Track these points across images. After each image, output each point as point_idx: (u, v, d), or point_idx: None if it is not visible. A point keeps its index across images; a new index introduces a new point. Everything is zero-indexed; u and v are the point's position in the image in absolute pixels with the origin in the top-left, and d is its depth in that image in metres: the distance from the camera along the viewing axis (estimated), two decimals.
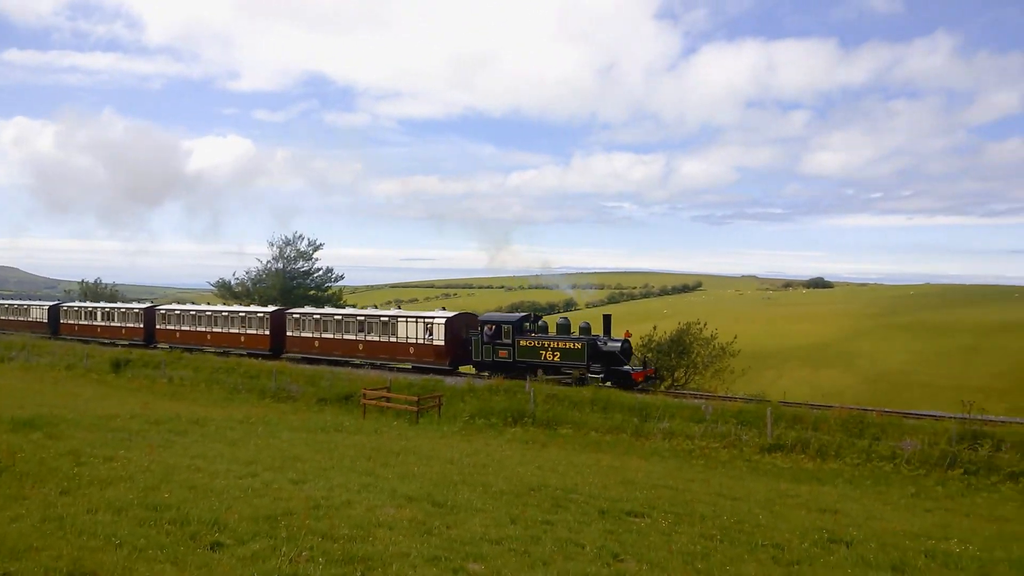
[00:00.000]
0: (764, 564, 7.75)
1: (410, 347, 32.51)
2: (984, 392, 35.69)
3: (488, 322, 30.24)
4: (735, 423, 20.11)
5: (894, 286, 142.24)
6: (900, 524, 10.79)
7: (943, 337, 56.35)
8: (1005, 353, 47.73)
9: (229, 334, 40.43)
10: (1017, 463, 15.90)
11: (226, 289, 60.79)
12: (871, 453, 17.43)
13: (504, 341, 29.22)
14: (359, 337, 34.53)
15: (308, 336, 36.57)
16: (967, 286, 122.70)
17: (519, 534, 8.01)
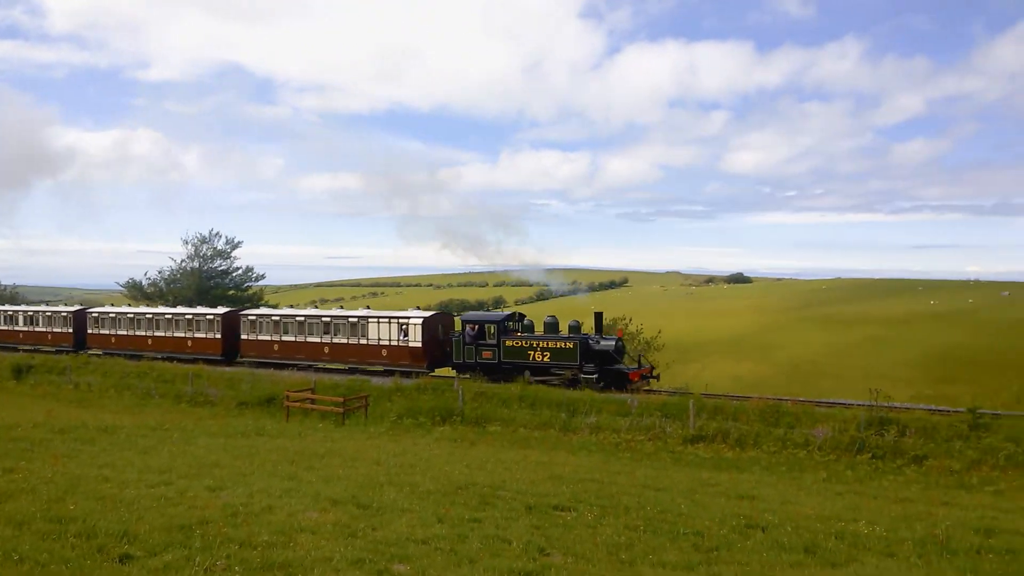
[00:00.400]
0: (685, 551, 7.95)
1: (382, 349, 31.08)
2: (890, 380, 37.63)
3: (471, 321, 28.81)
4: (660, 416, 20.59)
5: (808, 280, 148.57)
6: (813, 508, 11.24)
7: (853, 328, 59.23)
8: (910, 343, 50.60)
9: (174, 338, 38.03)
10: (920, 447, 16.83)
11: (137, 290, 58.20)
12: (786, 441, 18.15)
13: (488, 341, 27.90)
14: (324, 340, 32.89)
15: (266, 339, 34.72)
16: (875, 280, 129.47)
17: (446, 533, 7.97)
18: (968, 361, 43.78)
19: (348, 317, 32.72)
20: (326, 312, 34.99)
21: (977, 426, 17.16)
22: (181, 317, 38.39)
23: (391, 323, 31.08)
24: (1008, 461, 15.60)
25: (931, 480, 15.11)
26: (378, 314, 32.28)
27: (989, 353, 45.35)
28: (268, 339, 34.73)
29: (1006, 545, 8.70)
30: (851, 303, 79.33)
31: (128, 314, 40.69)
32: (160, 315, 39.46)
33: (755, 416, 19.75)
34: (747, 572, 7.18)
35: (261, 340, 34.94)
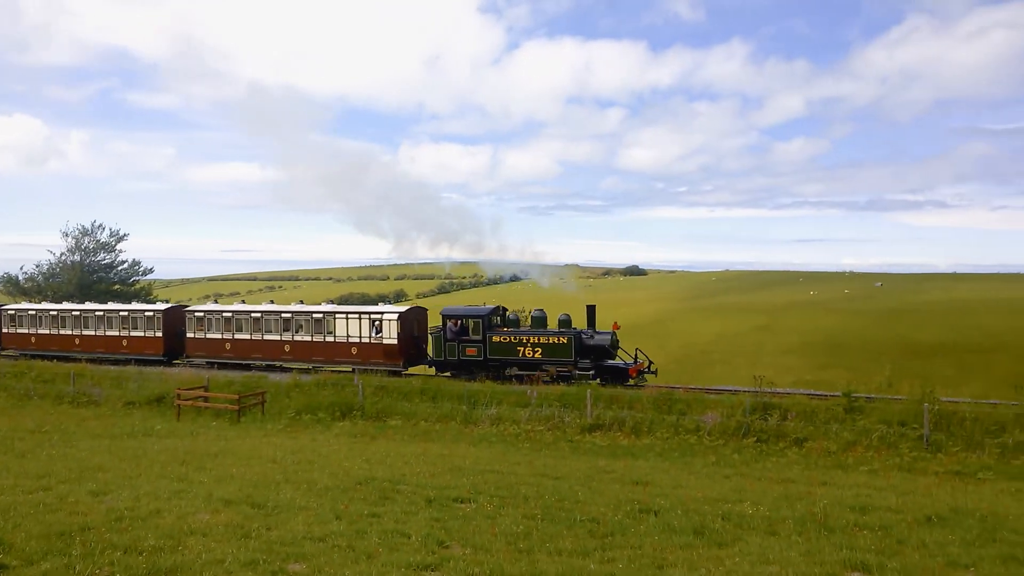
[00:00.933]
0: (581, 538, 8.17)
1: (352, 347, 29.40)
2: (774, 367, 39.57)
3: (452, 316, 27.30)
4: (559, 406, 21.00)
5: (699, 272, 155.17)
6: (702, 491, 11.78)
7: (741, 318, 62.23)
8: (792, 331, 53.66)
9: (106, 338, 34.82)
10: (801, 430, 17.94)
11: (13, 285, 53.93)
12: (679, 427, 18.92)
13: (473, 337, 26.56)
14: (285, 337, 30.82)
15: (216, 338, 32.18)
16: (760, 272, 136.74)
17: (344, 529, 7.86)
18: (845, 348, 46.88)
19: (312, 313, 30.86)
20: (287, 308, 32.49)
21: (852, 409, 18.46)
22: (115, 314, 35.19)
23: (362, 318, 29.46)
24: (881, 442, 16.85)
25: (811, 461, 16.12)
26: (347, 309, 30.95)
27: (863, 340, 48.75)
28: (218, 337, 32.17)
29: (879, 521, 9.35)
30: (739, 294, 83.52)
31: (51, 311, 36.84)
32: (89, 312, 35.95)
33: (649, 404, 20.46)
34: (639, 556, 7.44)
35: (211, 339, 32.31)
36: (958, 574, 7.01)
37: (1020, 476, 13.47)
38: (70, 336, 35.95)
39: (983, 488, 12.43)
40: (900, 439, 16.61)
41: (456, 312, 27.64)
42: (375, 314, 29.40)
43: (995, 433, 16.26)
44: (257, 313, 32.01)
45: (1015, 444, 15.59)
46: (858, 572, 7.15)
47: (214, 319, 32.53)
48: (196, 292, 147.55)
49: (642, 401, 20.84)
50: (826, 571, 7.06)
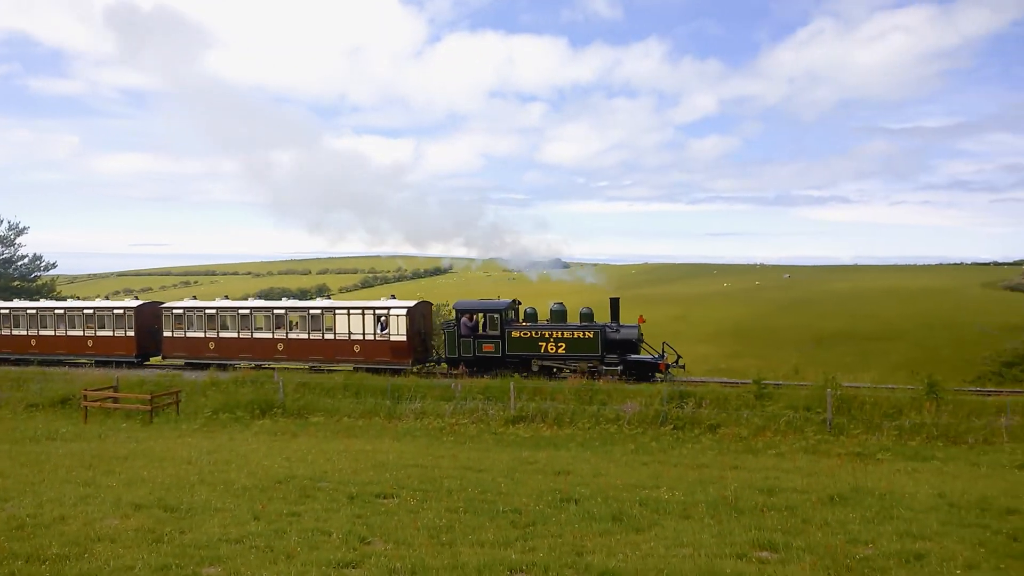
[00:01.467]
0: (503, 528, 8.27)
1: (355, 344, 27.66)
2: (690, 356, 40.87)
3: (467, 311, 25.77)
4: (483, 399, 21.11)
5: (620, 265, 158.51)
6: (621, 478, 12.09)
7: (658, 308, 63.91)
8: (707, 321, 55.57)
9: (68, 338, 31.80)
10: (714, 417, 18.64)
11: None
12: (600, 417, 19.34)
13: (490, 333, 25.15)
14: (278, 335, 28.80)
15: (198, 336, 29.92)
16: (677, 264, 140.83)
17: (262, 530, 7.71)
18: (755, 336, 48.89)
19: (309, 308, 28.97)
20: (279, 303, 30.44)
21: (762, 396, 19.29)
22: (78, 312, 32.27)
23: (365, 314, 27.71)
24: (788, 426, 17.69)
25: (724, 446, 16.76)
26: (348, 304, 28.98)
27: (772, 329, 50.97)
28: (201, 336, 29.88)
29: (786, 502, 9.83)
30: (657, 285, 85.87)
31: (2, 309, 33.36)
32: (48, 310, 32.84)
33: (571, 395, 20.82)
34: (559, 544, 7.60)
35: (192, 338, 29.97)
36: (858, 550, 7.44)
37: (915, 456, 14.42)
38: (25, 337, 32.64)
39: (881, 468, 13.24)
40: (806, 423, 17.49)
41: (472, 306, 26.11)
42: (381, 309, 27.72)
43: (892, 416, 17.33)
44: (246, 309, 29.99)
45: (911, 426, 16.68)
46: (766, 551, 7.51)
47: (195, 316, 30.18)
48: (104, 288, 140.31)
49: (564, 392, 21.17)
50: (736, 551, 7.38)
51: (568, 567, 6.68)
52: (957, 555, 7.17)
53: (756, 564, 6.96)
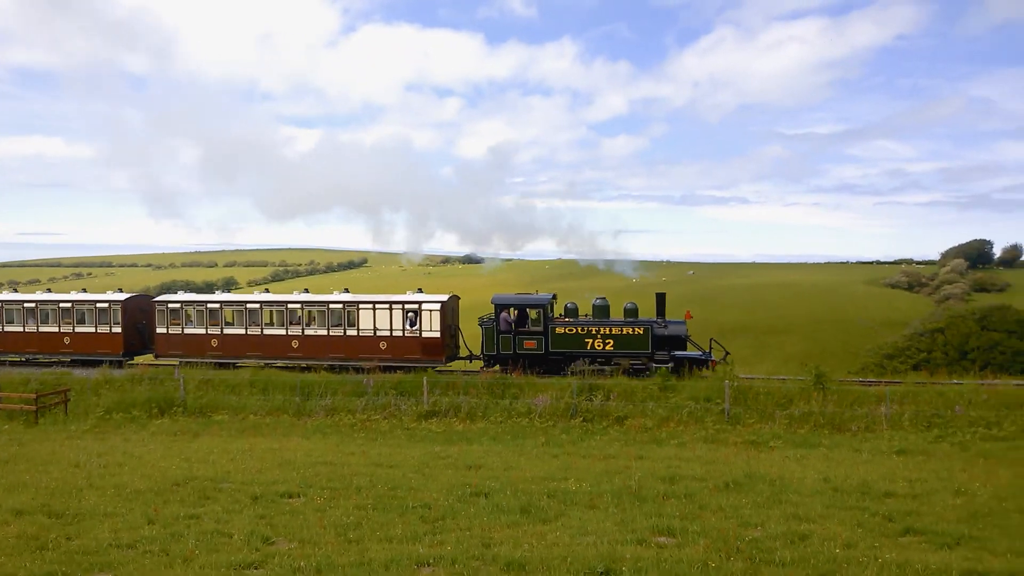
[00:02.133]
0: (412, 524, 8.28)
1: (381, 341, 26.00)
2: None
3: (507, 305, 24.26)
4: (395, 394, 20.93)
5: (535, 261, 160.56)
6: (531, 471, 12.30)
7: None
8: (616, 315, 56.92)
9: (40, 335, 28.87)
10: (622, 409, 19.12)
11: None
12: (512, 411, 19.51)
13: (533, 329, 23.87)
14: (292, 332, 26.82)
15: (198, 333, 27.53)
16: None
17: (157, 534, 7.42)
18: None
19: (330, 303, 26.90)
20: (295, 297, 27.99)
21: (666, 388, 19.95)
22: (53, 305, 29.17)
23: (393, 309, 26.05)
24: (689, 416, 18.36)
25: (630, 437, 17.23)
26: (374, 298, 26.96)
27: None
28: (201, 333, 27.56)
29: (685, 489, 10.26)
30: (569, 280, 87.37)
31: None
32: (15, 304, 29.36)
33: (484, 390, 20.92)
34: (468, 537, 7.67)
35: (191, 335, 27.62)
36: (748, 533, 7.86)
37: (803, 444, 15.28)
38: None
39: (773, 455, 13.99)
40: (706, 413, 18.23)
41: (512, 300, 24.73)
42: (411, 304, 26.12)
43: (784, 406, 18.30)
44: (255, 303, 27.64)
45: (800, 415, 17.66)
46: (665, 536, 7.83)
47: (195, 311, 27.77)
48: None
49: (477, 387, 21.25)
50: (637, 537, 7.67)
51: (475, 559, 6.77)
52: (838, 535, 7.69)
53: (655, 549, 7.24)
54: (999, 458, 12.88)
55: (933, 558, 6.84)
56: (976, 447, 14.29)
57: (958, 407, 17.16)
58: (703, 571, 6.46)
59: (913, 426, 16.62)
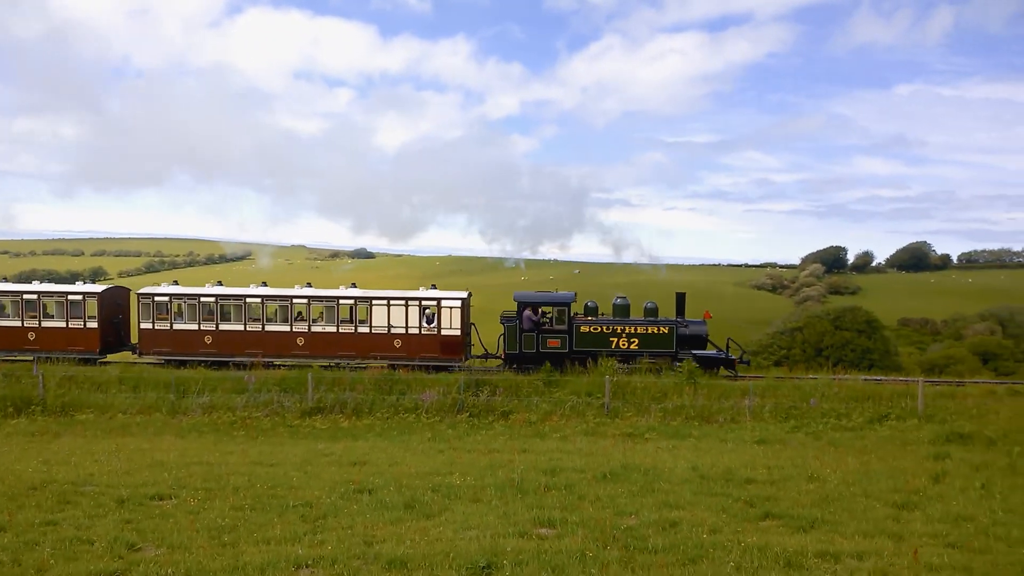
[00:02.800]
0: (292, 523, 8.12)
1: (395, 339, 25.02)
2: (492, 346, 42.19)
3: (531, 304, 24.11)
4: (278, 391, 20.35)
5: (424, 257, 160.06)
6: (417, 467, 12.29)
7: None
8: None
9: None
10: (506, 404, 19.45)
11: None
12: (399, 407, 19.43)
13: (557, 328, 23.82)
14: (297, 328, 25.37)
15: (189, 329, 25.54)
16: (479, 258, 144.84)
17: (8, 543, 6.91)
18: None
19: (339, 298, 25.66)
20: (301, 291, 26.51)
21: (550, 383, 20.49)
22: (14, 297, 25.77)
23: (409, 305, 25.11)
24: (572, 411, 18.92)
25: (515, 431, 17.56)
26: (388, 294, 25.91)
27: None
28: (194, 329, 25.62)
29: (565, 481, 10.56)
30: (459, 276, 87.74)
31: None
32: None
33: (371, 385, 20.70)
34: (350, 535, 7.61)
35: (181, 331, 25.64)
36: (623, 521, 8.23)
37: (676, 435, 16.12)
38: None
39: (648, 446, 14.67)
40: (587, 407, 18.87)
41: (535, 298, 24.71)
42: (428, 300, 25.39)
43: (659, 399, 19.24)
44: (256, 298, 26.10)
45: (673, 408, 18.62)
46: (545, 528, 8.07)
47: (186, 305, 25.87)
48: None
49: (364, 382, 21.00)
50: (518, 530, 7.86)
51: (357, 558, 6.73)
52: (704, 521, 8.19)
53: (536, 540, 7.45)
54: (847, 446, 14.10)
55: (790, 541, 7.39)
56: (827, 436, 15.59)
57: (812, 400, 18.64)
58: (581, 561, 6.69)
59: (773, 417, 17.91)
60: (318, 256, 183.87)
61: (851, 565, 6.59)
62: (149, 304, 26.06)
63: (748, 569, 6.38)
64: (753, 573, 6.28)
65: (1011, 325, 68.72)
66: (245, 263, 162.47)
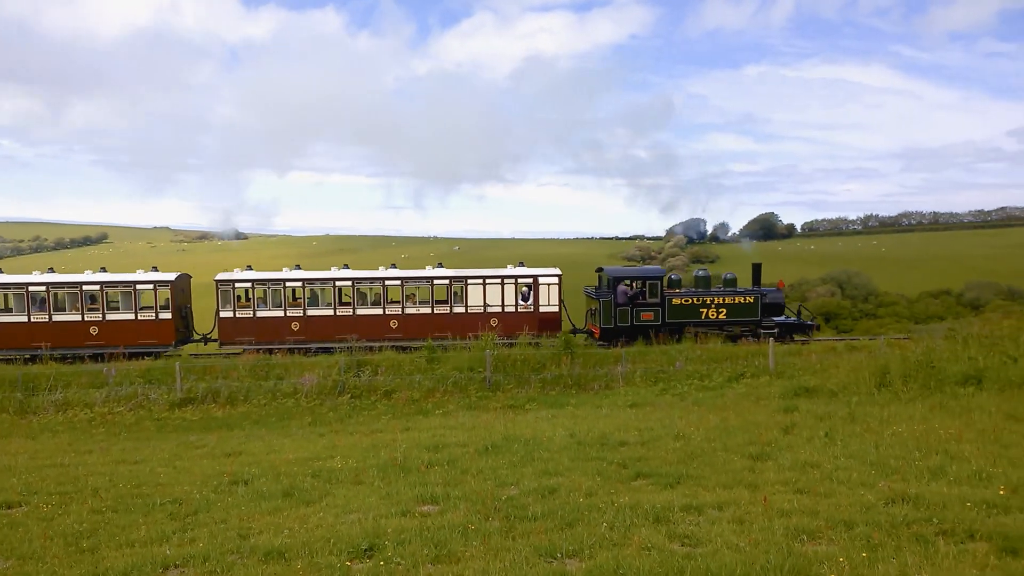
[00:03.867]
0: (159, 523, 7.74)
1: (492, 318, 25.26)
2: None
3: (624, 278, 24.81)
4: (142, 382, 19.22)
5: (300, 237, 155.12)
6: (296, 453, 12.00)
7: None
8: None
9: (54, 325, 23.76)
10: (390, 383, 19.33)
11: None
12: (276, 392, 18.88)
13: (650, 300, 24.56)
14: (391, 311, 25.28)
15: (275, 316, 24.78)
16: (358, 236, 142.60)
17: None
18: None
19: (434, 278, 25.52)
20: (392, 272, 26.09)
21: (433, 360, 20.51)
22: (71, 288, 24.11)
23: (505, 283, 25.31)
24: (454, 386, 19.08)
25: (398, 410, 17.53)
26: (484, 272, 25.92)
27: None
28: (280, 316, 24.89)
29: (448, 457, 10.62)
30: (339, 256, 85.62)
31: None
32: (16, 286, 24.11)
33: (246, 372, 19.97)
34: (223, 530, 7.35)
35: (265, 318, 24.85)
36: (504, 492, 8.42)
37: (554, 404, 16.64)
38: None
39: (528, 417, 15.03)
40: (469, 382, 19.08)
41: (629, 273, 25.60)
42: (524, 277, 25.61)
43: (538, 370, 19.75)
44: (345, 280, 25.49)
45: (552, 378, 19.20)
46: (428, 504, 8.12)
47: (270, 291, 25.06)
48: None
49: (238, 369, 20.22)
50: (401, 509, 7.86)
51: (231, 553, 6.51)
52: (581, 485, 8.51)
53: (419, 518, 7.48)
54: (709, 405, 15.06)
55: (659, 498, 7.81)
56: (692, 396, 16.60)
57: (678, 363, 19.76)
58: (463, 534, 6.78)
59: (644, 382, 18.86)
60: (185, 238, 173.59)
61: (712, 516, 7.06)
62: (229, 291, 25.12)
63: (620, 527, 6.70)
64: (625, 531, 6.59)
65: (848, 287, 75.73)
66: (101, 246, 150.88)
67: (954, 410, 11.57)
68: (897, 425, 10.67)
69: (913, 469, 8.19)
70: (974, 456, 8.54)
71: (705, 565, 5.38)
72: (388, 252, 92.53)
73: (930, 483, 7.62)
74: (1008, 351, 14.64)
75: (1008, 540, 5.69)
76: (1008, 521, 6.19)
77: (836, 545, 5.84)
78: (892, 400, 13.30)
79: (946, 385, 13.71)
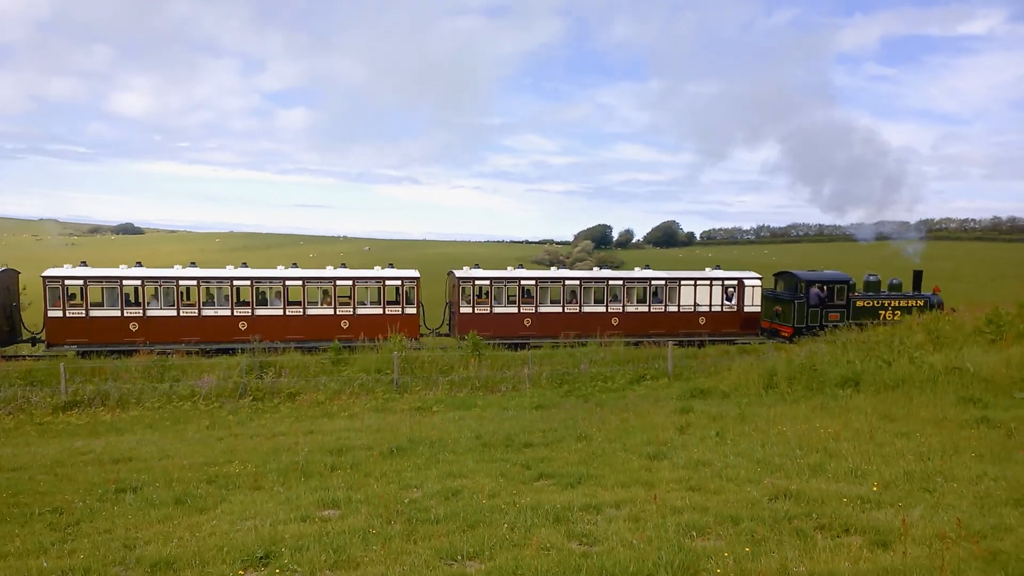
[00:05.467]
0: (37, 533, 7.29)
1: (699, 317, 27.80)
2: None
3: (818, 282, 27.60)
4: (24, 384, 17.99)
5: (202, 233, 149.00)
6: (191, 458, 11.54)
7: None
8: None
9: (321, 319, 25.33)
10: (294, 385, 18.81)
11: None
12: (172, 395, 18.08)
13: (838, 303, 27.47)
14: (612, 309, 27.44)
15: (509, 312, 26.59)
16: (263, 234, 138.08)
17: None
18: None
19: (651, 279, 27.79)
20: (613, 273, 29.13)
21: (339, 361, 20.15)
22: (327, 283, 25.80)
23: (713, 285, 27.89)
24: (361, 388, 18.81)
25: (302, 413, 17.12)
26: (692, 275, 28.32)
27: None
28: (513, 312, 26.72)
29: (352, 460, 10.50)
30: (243, 254, 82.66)
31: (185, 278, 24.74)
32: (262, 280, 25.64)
33: (139, 374, 19.03)
34: (108, 540, 7.00)
35: (501, 314, 26.58)
36: (408, 494, 8.39)
37: (462, 406, 16.68)
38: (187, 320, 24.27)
39: (435, 418, 15.02)
40: (377, 384, 18.88)
41: (820, 277, 27.91)
42: (730, 280, 28.14)
43: (446, 372, 19.75)
44: (574, 280, 27.47)
45: (460, 380, 19.24)
46: (329, 509, 8.00)
47: (504, 289, 26.74)
48: None
49: (130, 371, 19.25)
50: (300, 514, 7.71)
51: (115, 564, 6.22)
52: (484, 487, 8.59)
53: (318, 523, 7.36)
54: (611, 406, 15.50)
55: (560, 498, 7.97)
56: (596, 398, 17.04)
57: (583, 365, 20.23)
58: (364, 538, 6.71)
59: (549, 383, 19.21)
60: (75, 231, 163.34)
61: (610, 514, 7.28)
62: (469, 287, 26.82)
63: (521, 528, 6.80)
64: (525, 532, 6.71)
65: None
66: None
67: (834, 410, 12.36)
68: (782, 424, 11.31)
69: (795, 466, 8.71)
70: (851, 454, 9.16)
71: (601, 563, 5.55)
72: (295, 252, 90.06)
73: (810, 480, 8.12)
74: (883, 356, 15.76)
75: (880, 534, 6.12)
76: (880, 515, 6.67)
77: (723, 540, 6.14)
78: (778, 401, 14.09)
79: (827, 387, 14.63)
